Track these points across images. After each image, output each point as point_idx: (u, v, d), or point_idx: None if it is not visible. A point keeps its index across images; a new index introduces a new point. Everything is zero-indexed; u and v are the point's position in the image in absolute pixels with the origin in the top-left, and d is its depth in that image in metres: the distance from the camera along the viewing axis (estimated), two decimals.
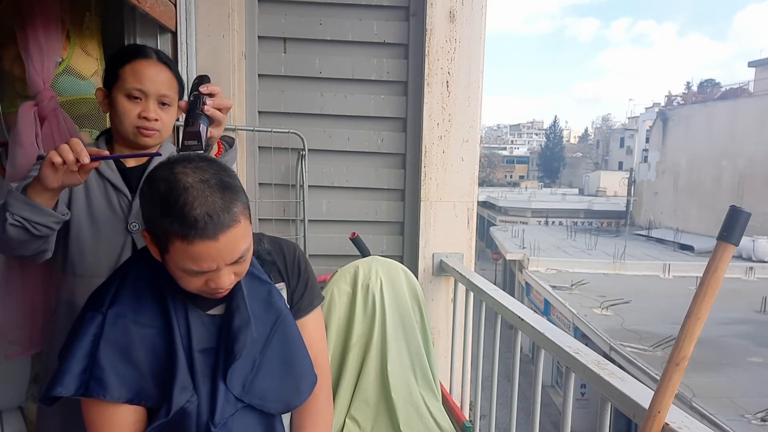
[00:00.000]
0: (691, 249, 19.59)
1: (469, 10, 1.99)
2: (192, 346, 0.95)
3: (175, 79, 1.29)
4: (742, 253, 17.21)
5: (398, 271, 1.62)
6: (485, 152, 59.55)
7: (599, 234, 23.83)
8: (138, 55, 1.25)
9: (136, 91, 1.22)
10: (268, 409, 0.99)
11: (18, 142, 1.52)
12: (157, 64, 1.26)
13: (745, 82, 26.98)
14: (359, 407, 1.54)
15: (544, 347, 1.22)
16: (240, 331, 0.95)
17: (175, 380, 0.90)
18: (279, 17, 2.00)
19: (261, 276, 1.04)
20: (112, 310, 0.92)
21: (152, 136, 1.25)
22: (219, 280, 0.89)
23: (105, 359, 0.90)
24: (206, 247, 0.84)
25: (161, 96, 1.24)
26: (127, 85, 1.22)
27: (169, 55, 1.35)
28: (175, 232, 0.83)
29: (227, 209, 0.85)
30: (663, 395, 0.76)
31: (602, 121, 64.59)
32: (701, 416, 7.27)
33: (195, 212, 0.82)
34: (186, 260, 0.85)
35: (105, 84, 1.28)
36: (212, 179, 0.86)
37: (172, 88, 1.27)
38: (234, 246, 0.87)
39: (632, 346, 9.94)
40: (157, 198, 0.85)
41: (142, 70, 1.23)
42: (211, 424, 0.92)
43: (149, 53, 1.26)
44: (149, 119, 1.22)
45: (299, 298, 1.11)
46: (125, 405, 0.92)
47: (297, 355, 1.03)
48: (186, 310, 0.96)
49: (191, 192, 0.83)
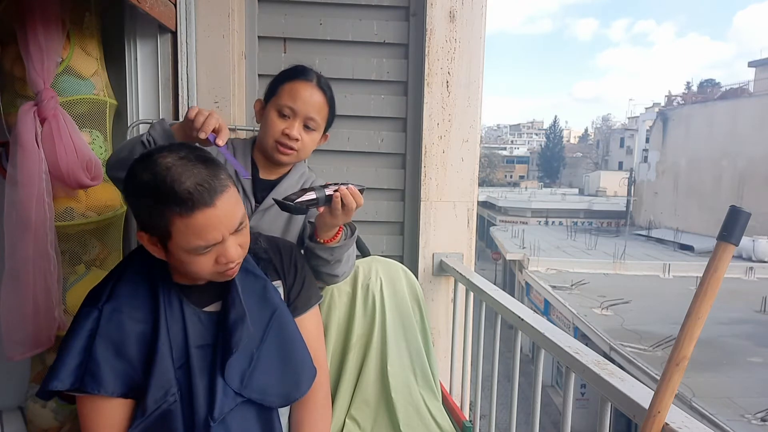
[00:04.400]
0: (691, 249, 19.59)
1: (469, 10, 1.99)
2: (189, 343, 0.95)
3: (327, 106, 1.31)
4: (742, 253, 17.21)
5: (398, 271, 1.62)
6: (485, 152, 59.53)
7: (599, 234, 23.84)
8: (300, 76, 1.29)
9: (287, 109, 1.26)
10: (269, 403, 1.00)
11: (18, 142, 1.52)
12: (314, 87, 1.29)
13: (745, 82, 26.99)
14: (359, 407, 1.53)
15: (544, 347, 1.22)
16: (236, 325, 0.96)
17: (151, 380, 0.91)
18: (279, 17, 2.00)
19: (255, 271, 1.04)
20: (108, 306, 0.93)
21: (289, 155, 1.28)
22: (227, 252, 0.91)
23: (100, 354, 0.90)
24: (206, 216, 0.86)
25: (308, 119, 1.27)
26: (280, 101, 1.27)
27: (328, 84, 1.35)
28: (172, 212, 0.85)
29: (215, 176, 0.88)
30: (663, 395, 0.76)
31: (602, 121, 64.58)
32: (701, 416, 7.27)
33: (186, 185, 0.84)
34: (191, 237, 0.86)
35: (265, 97, 1.33)
36: (190, 155, 0.88)
37: (321, 114, 1.30)
38: (231, 211, 0.89)
39: (632, 346, 9.95)
40: (145, 189, 0.86)
41: (298, 90, 1.27)
42: (210, 419, 0.92)
43: (310, 76, 1.30)
44: (291, 137, 1.26)
45: (296, 296, 1.11)
46: (119, 400, 0.92)
47: (295, 349, 1.03)
48: (182, 307, 0.96)
49: (175, 169, 0.85)
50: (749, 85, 26.17)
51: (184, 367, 0.94)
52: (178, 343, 0.95)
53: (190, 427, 0.93)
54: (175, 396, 0.92)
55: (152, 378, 0.91)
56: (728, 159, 22.65)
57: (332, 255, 1.21)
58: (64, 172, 1.57)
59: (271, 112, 1.28)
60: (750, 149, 21.49)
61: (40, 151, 1.53)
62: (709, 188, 23.38)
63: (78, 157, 1.58)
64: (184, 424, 0.93)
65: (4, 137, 1.67)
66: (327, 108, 1.31)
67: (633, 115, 42.29)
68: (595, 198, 33.37)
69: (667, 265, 16.24)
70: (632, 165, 33.62)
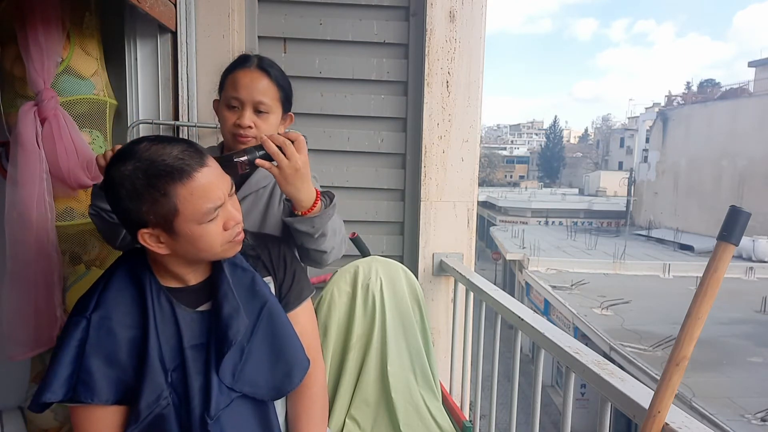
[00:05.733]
0: (691, 249, 19.58)
1: (469, 10, 1.99)
2: (183, 344, 0.95)
3: (274, 85, 1.28)
4: (742, 253, 17.20)
5: (398, 271, 1.62)
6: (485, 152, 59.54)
7: (599, 234, 23.84)
8: (238, 65, 1.28)
9: (234, 100, 1.25)
10: (261, 396, 1.00)
11: (18, 142, 1.52)
12: (255, 71, 1.26)
13: (745, 82, 26.96)
14: (359, 407, 1.53)
15: (544, 347, 1.22)
16: (231, 318, 0.96)
17: (143, 385, 0.91)
18: (279, 17, 2.00)
19: (242, 265, 1.04)
20: (96, 314, 0.93)
21: (248, 143, 1.25)
22: (232, 214, 0.93)
23: (91, 363, 0.90)
24: (204, 175, 0.88)
25: (257, 103, 1.25)
26: (227, 94, 1.27)
27: (271, 63, 1.30)
28: (173, 183, 0.86)
29: (190, 143, 0.92)
30: (663, 395, 0.76)
31: (602, 121, 64.61)
32: (701, 416, 7.27)
33: (174, 153, 0.87)
34: (198, 201, 0.88)
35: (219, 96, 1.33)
36: (159, 137, 0.93)
37: (269, 95, 1.27)
38: (220, 170, 0.93)
39: (632, 346, 9.94)
40: (136, 179, 0.86)
41: (239, 79, 1.25)
42: (206, 417, 0.92)
43: (249, 62, 1.28)
44: (243, 126, 1.24)
45: (287, 291, 1.11)
46: (113, 407, 0.92)
47: (286, 341, 1.03)
48: (173, 309, 0.96)
49: (155, 148, 0.88)
50: (749, 85, 26.15)
51: (179, 368, 0.94)
52: (171, 345, 0.94)
53: (186, 429, 0.93)
54: (168, 399, 0.92)
55: (144, 383, 0.91)
56: (728, 159, 22.64)
57: (313, 226, 1.16)
58: (64, 172, 1.57)
59: (222, 107, 1.28)
60: (750, 149, 21.49)
61: (40, 151, 1.53)
62: (709, 188, 23.37)
63: (78, 157, 1.59)
64: (179, 427, 0.93)
65: (4, 137, 1.67)
66: (275, 87, 1.28)
67: (633, 115, 42.30)
68: (595, 198, 33.37)
69: (667, 265, 16.23)
70: (632, 165, 33.62)
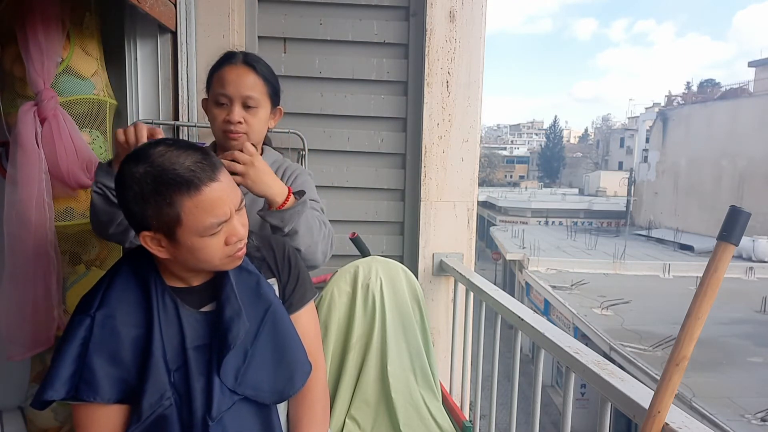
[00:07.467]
0: (691, 249, 19.58)
1: (469, 10, 1.99)
2: (186, 345, 0.95)
3: (261, 80, 1.29)
4: (742, 253, 17.20)
5: (398, 271, 1.62)
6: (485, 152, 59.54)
7: (599, 234, 23.83)
8: (224, 62, 1.28)
9: (222, 97, 1.26)
10: (263, 399, 1.00)
11: (18, 142, 1.52)
12: (241, 67, 1.27)
13: (745, 82, 26.96)
14: (359, 407, 1.54)
15: (544, 347, 1.22)
16: (232, 321, 0.96)
17: (146, 385, 0.91)
18: (279, 17, 2.00)
19: (248, 267, 1.04)
20: (100, 313, 0.93)
21: (239, 139, 1.27)
22: (235, 230, 0.92)
23: (94, 362, 0.90)
24: (213, 190, 0.87)
25: (245, 98, 1.26)
26: (214, 92, 1.27)
27: (257, 59, 1.31)
28: (180, 193, 0.85)
29: (207, 154, 0.90)
30: (663, 395, 0.76)
31: (602, 121, 64.60)
32: (701, 416, 7.27)
33: (186, 164, 0.86)
34: (202, 215, 0.87)
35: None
36: (177, 143, 0.90)
37: (257, 90, 1.28)
38: (232, 184, 0.92)
39: (632, 346, 9.95)
40: (145, 184, 0.85)
41: (225, 75, 1.26)
42: (208, 418, 0.92)
43: (235, 57, 1.28)
44: (232, 122, 1.25)
45: (291, 293, 1.11)
46: (115, 406, 0.92)
47: (289, 345, 1.03)
48: (177, 310, 0.96)
49: (169, 155, 0.86)
50: (749, 85, 26.14)
51: (182, 369, 0.94)
52: (174, 345, 0.94)
53: (188, 430, 0.93)
54: (170, 400, 0.92)
55: (147, 383, 0.90)
56: (728, 159, 22.63)
57: (282, 220, 1.19)
58: (64, 172, 1.57)
59: (211, 105, 1.28)
60: (750, 149, 21.48)
61: (40, 151, 1.53)
62: (709, 188, 23.37)
63: (78, 157, 1.59)
64: (181, 427, 0.93)
65: (4, 137, 1.67)
66: (262, 82, 1.28)
67: (633, 115, 42.30)
68: (595, 198, 33.36)
69: (667, 265, 16.23)
70: (632, 165, 33.61)
